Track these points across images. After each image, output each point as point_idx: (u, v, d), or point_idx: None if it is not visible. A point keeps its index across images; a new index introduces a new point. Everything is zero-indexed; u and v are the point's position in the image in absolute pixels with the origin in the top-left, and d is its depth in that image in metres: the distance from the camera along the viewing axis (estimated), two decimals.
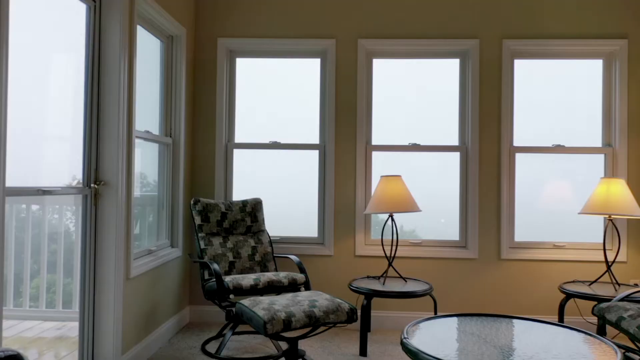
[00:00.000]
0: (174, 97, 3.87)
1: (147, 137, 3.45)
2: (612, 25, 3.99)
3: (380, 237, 3.98)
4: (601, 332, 2.98)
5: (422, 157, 4.16)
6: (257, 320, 2.62)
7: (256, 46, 4.18)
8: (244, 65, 4.29)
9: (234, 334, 3.76)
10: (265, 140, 4.23)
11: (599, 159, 4.04)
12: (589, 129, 4.07)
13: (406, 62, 4.22)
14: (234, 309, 3.19)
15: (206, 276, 3.52)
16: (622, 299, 2.97)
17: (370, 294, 3.37)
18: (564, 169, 4.09)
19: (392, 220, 3.67)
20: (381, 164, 4.16)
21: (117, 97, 2.88)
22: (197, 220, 3.67)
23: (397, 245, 3.72)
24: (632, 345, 3.46)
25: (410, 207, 3.60)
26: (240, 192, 4.22)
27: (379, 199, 3.66)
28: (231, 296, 3.16)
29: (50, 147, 2.72)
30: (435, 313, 3.53)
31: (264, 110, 4.28)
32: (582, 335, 2.28)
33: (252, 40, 4.16)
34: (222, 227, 3.74)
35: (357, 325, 4.04)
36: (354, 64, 4.11)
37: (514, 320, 2.48)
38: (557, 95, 4.11)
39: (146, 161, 3.61)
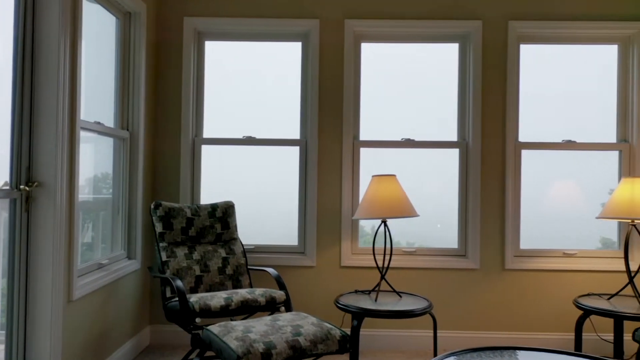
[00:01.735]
0: (131, 84, 3.40)
1: (98, 129, 3.03)
2: (629, 5, 3.61)
3: (368, 245, 3.54)
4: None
5: (416, 155, 3.74)
6: (229, 354, 2.18)
7: (228, 27, 3.69)
8: (214, 50, 3.83)
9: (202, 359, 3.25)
10: (239, 134, 3.76)
11: (614, 156, 3.66)
12: (603, 122, 3.71)
13: (399, 46, 3.80)
14: (201, 333, 2.70)
15: (168, 294, 3.01)
16: None
17: (361, 314, 2.90)
18: (575, 167, 3.68)
19: (386, 226, 3.20)
20: (370, 162, 3.74)
21: (55, 82, 2.45)
22: (158, 227, 3.15)
23: (390, 255, 3.25)
24: None
25: (407, 211, 3.14)
26: (209, 194, 3.77)
27: (370, 202, 3.19)
28: (197, 320, 2.68)
29: None
30: (435, 333, 3.09)
31: (237, 101, 3.83)
32: None
33: (224, 20, 3.66)
34: (187, 236, 3.22)
35: None
36: (340, 49, 3.66)
37: (539, 354, 2.14)
38: (568, 85, 3.73)
39: (98, 158, 3.18)
